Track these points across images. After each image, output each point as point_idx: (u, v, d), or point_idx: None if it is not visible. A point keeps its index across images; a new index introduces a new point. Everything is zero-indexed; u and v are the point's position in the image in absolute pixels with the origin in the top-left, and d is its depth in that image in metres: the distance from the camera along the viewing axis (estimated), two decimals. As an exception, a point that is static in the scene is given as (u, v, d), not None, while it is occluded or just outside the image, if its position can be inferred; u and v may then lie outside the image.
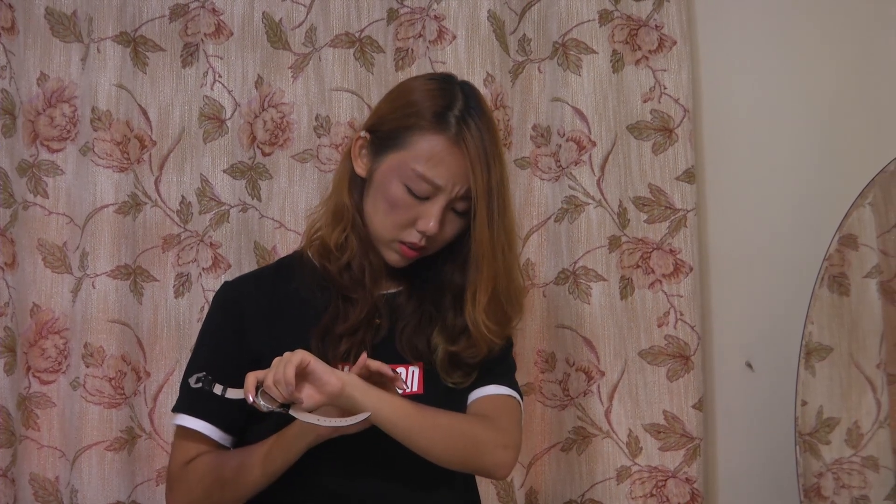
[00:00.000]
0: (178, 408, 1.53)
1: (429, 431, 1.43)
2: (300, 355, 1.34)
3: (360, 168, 1.51)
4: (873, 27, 2.04)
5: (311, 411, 1.36)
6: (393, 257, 1.50)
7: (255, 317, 1.51)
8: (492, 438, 1.49)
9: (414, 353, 1.51)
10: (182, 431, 1.52)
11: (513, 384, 1.58)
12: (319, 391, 1.35)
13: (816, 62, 2.04)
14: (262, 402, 1.34)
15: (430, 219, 1.45)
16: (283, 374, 1.31)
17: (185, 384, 1.53)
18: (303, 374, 1.34)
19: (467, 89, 1.50)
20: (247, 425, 1.50)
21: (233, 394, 1.37)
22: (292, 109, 2.02)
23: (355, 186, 1.52)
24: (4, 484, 1.97)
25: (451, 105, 1.46)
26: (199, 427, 1.50)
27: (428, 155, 1.44)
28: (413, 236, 1.47)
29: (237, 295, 1.55)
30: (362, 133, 1.51)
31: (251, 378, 1.34)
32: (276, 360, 1.35)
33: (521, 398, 1.59)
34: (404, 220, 1.47)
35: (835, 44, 2.04)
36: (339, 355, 1.47)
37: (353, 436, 1.41)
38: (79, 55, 2.01)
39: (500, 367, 1.56)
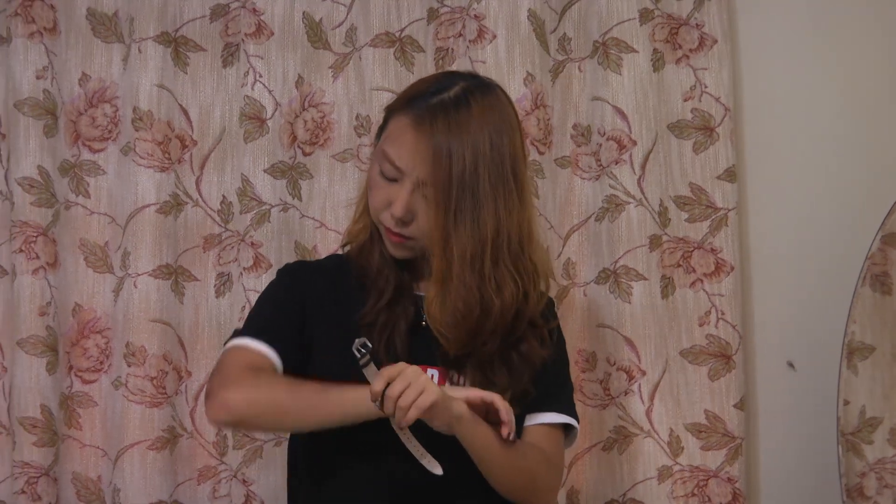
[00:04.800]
0: (247, 332, 1.48)
1: (504, 465, 1.45)
2: (432, 398, 1.32)
3: None
4: (917, 24, 2.03)
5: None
6: (388, 245, 1.50)
7: (313, 302, 1.53)
8: (546, 481, 1.52)
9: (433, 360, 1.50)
10: (239, 346, 1.47)
11: (570, 409, 1.57)
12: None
13: (858, 59, 2.03)
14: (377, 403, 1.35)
15: (396, 202, 1.44)
16: (406, 416, 1.32)
17: (250, 322, 1.54)
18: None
19: (471, 84, 1.46)
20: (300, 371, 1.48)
21: (370, 374, 1.37)
22: (333, 109, 2.02)
23: None
24: (47, 483, 1.99)
25: (434, 93, 1.44)
26: (267, 352, 1.46)
27: (393, 135, 1.45)
28: (388, 221, 1.47)
29: (303, 276, 1.57)
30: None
31: (382, 381, 1.33)
32: (413, 376, 1.33)
33: (578, 422, 1.58)
34: (379, 203, 1.47)
35: (877, 40, 2.03)
36: (374, 340, 1.45)
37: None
38: (120, 55, 2.02)
39: (557, 388, 1.56)
